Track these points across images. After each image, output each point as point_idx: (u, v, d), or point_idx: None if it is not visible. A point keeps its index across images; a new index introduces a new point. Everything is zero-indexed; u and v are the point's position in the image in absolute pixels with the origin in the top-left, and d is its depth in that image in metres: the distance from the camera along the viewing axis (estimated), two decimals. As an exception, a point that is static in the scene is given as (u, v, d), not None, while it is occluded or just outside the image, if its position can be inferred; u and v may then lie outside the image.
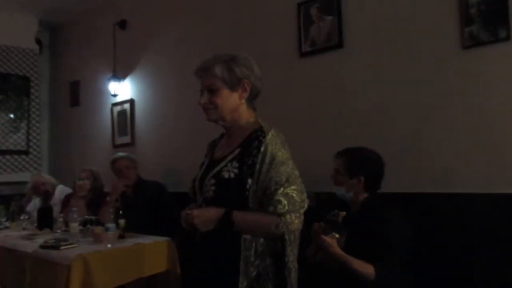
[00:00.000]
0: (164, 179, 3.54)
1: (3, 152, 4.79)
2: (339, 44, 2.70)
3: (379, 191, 2.07)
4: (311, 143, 2.72)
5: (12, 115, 4.91)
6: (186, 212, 1.45)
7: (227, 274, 1.38)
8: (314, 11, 2.82)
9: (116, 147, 4.35)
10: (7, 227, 3.28)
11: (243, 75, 1.47)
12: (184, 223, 1.46)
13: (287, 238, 1.38)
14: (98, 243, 2.51)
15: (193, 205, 1.56)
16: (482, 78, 2.17)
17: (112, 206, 2.91)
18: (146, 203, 3.17)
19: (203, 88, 1.50)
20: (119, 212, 2.70)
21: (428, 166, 2.32)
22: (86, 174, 3.51)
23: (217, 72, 1.46)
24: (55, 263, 2.29)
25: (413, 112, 2.39)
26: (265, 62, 1.59)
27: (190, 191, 1.59)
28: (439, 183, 2.27)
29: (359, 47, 2.63)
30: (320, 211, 2.00)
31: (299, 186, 1.41)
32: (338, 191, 2.07)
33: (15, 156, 4.88)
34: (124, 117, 4.32)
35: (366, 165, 2.03)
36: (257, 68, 1.52)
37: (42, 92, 5.24)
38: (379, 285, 1.77)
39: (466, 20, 2.19)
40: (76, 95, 5.02)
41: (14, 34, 4.83)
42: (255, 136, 1.45)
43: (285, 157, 1.41)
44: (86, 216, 2.89)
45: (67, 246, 2.42)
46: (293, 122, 2.77)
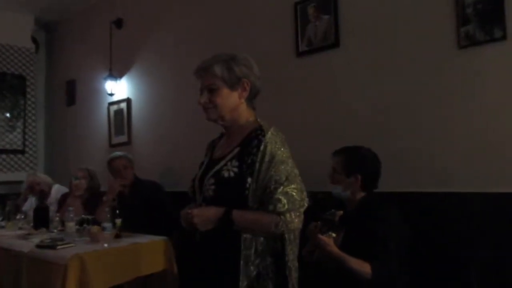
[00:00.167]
0: (160, 179, 3.54)
1: (-1, 151, 4.78)
2: (336, 44, 2.71)
3: (376, 190, 2.08)
4: (307, 143, 2.72)
5: (8, 114, 4.89)
6: (186, 212, 1.45)
7: (227, 273, 1.38)
8: (310, 11, 2.83)
9: (112, 146, 4.34)
10: (2, 227, 3.27)
11: (243, 75, 1.47)
12: (184, 222, 1.46)
13: (287, 237, 1.38)
14: (94, 242, 2.51)
15: (193, 204, 1.56)
16: (478, 77, 2.18)
17: (109, 206, 2.90)
18: (143, 203, 3.16)
19: (203, 88, 1.50)
20: (115, 211, 2.69)
21: (425, 165, 2.32)
22: (82, 173, 3.50)
23: (216, 71, 1.46)
24: (52, 262, 2.28)
25: (410, 111, 2.40)
26: (262, 61, 1.58)
27: (190, 190, 1.59)
28: (436, 182, 2.27)
29: (355, 47, 2.63)
30: (317, 210, 2.00)
31: (299, 185, 1.41)
32: (334, 189, 2.08)
33: (11, 156, 4.86)
34: (121, 116, 4.31)
35: (363, 164, 2.04)
36: (256, 67, 1.52)
37: (38, 91, 5.22)
38: (375, 283, 1.78)
39: (463, 20, 2.20)
40: (72, 94, 5.01)
41: (10, 33, 4.80)
42: (254, 135, 1.45)
43: (284, 156, 1.41)
44: (83, 216, 2.88)
45: (63, 246, 2.41)
46: (289, 122, 2.77)
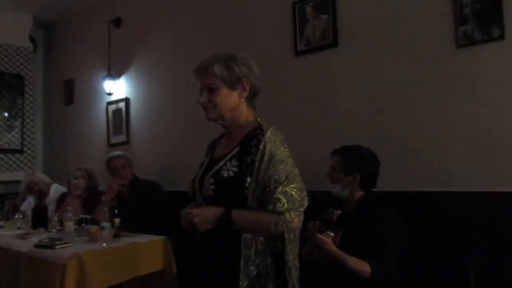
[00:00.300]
0: (159, 178, 3.54)
1: (-3, 151, 4.77)
2: (334, 43, 2.71)
3: (375, 190, 2.08)
4: (306, 142, 2.72)
5: (6, 114, 4.88)
6: (185, 211, 1.45)
7: (227, 273, 1.38)
8: (309, 10, 2.83)
9: (111, 146, 4.33)
10: (1, 227, 3.26)
11: (243, 74, 1.47)
12: (184, 222, 1.46)
13: (287, 236, 1.37)
14: (93, 242, 2.51)
15: (193, 203, 1.56)
16: (476, 77, 2.18)
17: (107, 205, 2.90)
18: (142, 202, 3.16)
19: (203, 87, 1.50)
20: (114, 211, 2.69)
21: (424, 165, 2.32)
22: (81, 173, 3.50)
23: (216, 71, 1.46)
24: (50, 262, 2.28)
25: (408, 111, 2.40)
26: (260, 60, 1.58)
27: (190, 190, 1.58)
28: (435, 182, 2.28)
29: (354, 46, 2.63)
30: (315, 209, 2.00)
31: (299, 184, 1.40)
32: (333, 189, 2.08)
33: (9, 155, 4.85)
34: (119, 115, 4.30)
35: (362, 163, 2.05)
36: (256, 67, 1.52)
37: (36, 90, 5.20)
38: (374, 283, 1.78)
39: (461, 20, 2.21)
40: (70, 93, 5.00)
41: (8, 32, 4.79)
42: (254, 135, 1.45)
43: (284, 155, 1.40)
44: (81, 215, 2.88)
45: (62, 246, 2.41)
46: (288, 121, 2.77)
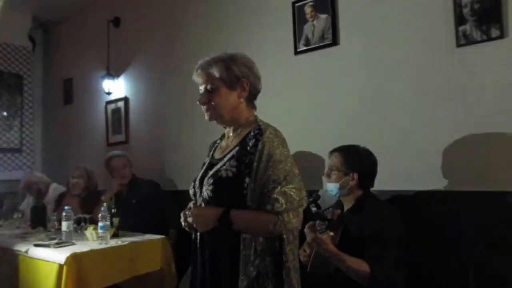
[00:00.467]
0: (158, 178, 3.53)
1: (-4, 150, 4.76)
2: (334, 42, 2.71)
3: (373, 189, 2.09)
4: (305, 141, 2.72)
5: (5, 113, 4.87)
6: (185, 212, 1.45)
7: (226, 273, 1.38)
8: (308, 10, 2.83)
9: (110, 145, 4.32)
10: (0, 226, 3.26)
11: (242, 74, 1.47)
12: (184, 223, 1.46)
13: (285, 237, 1.37)
14: (92, 241, 2.51)
15: (192, 203, 1.56)
16: (475, 76, 2.18)
17: (106, 205, 2.89)
18: (141, 202, 3.16)
19: (202, 88, 1.50)
20: (113, 210, 2.69)
21: (421, 164, 2.32)
22: (79, 172, 3.50)
23: (215, 71, 1.46)
24: (49, 262, 2.29)
25: (406, 110, 2.40)
26: (260, 60, 1.58)
27: (191, 191, 1.59)
28: (432, 180, 2.28)
29: (353, 45, 2.63)
30: (315, 209, 2.01)
31: (298, 184, 1.40)
32: (330, 188, 2.08)
33: (8, 154, 4.84)
34: (118, 115, 4.30)
35: (360, 162, 2.05)
36: (256, 67, 1.52)
37: (35, 89, 5.19)
38: (373, 282, 1.78)
39: (460, 19, 2.21)
40: (69, 93, 4.99)
41: (6, 31, 4.76)
42: (252, 135, 1.45)
43: (283, 155, 1.40)
44: (80, 215, 2.88)
45: (60, 245, 2.41)
46: (286, 120, 2.77)
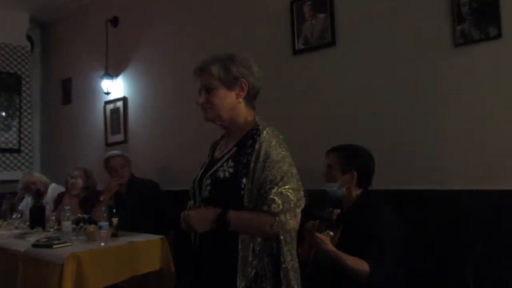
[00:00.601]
0: (157, 177, 3.53)
1: (-6, 150, 4.76)
2: (332, 42, 2.71)
3: (372, 188, 2.09)
4: (303, 141, 2.72)
5: (4, 113, 4.86)
6: (184, 214, 1.45)
7: (225, 274, 1.37)
8: (306, 9, 2.83)
9: (108, 145, 4.32)
10: (-1, 226, 3.26)
11: (241, 75, 1.46)
12: (183, 224, 1.46)
13: (282, 238, 1.36)
14: (91, 241, 2.51)
15: (192, 202, 1.56)
16: (473, 75, 2.19)
17: (105, 205, 2.90)
18: (140, 201, 3.16)
19: (201, 87, 1.50)
20: (112, 210, 2.69)
21: (420, 163, 2.33)
22: (78, 172, 3.49)
23: (214, 71, 1.46)
24: (48, 262, 2.28)
25: (405, 110, 2.40)
26: (258, 59, 1.57)
27: (190, 191, 1.58)
28: (431, 180, 2.28)
29: (351, 45, 2.64)
30: (314, 209, 2.00)
31: (295, 184, 1.39)
32: (329, 188, 2.08)
33: (7, 155, 4.84)
34: (117, 115, 4.29)
35: (358, 160, 2.06)
36: (257, 68, 1.51)
37: (33, 89, 5.19)
38: (372, 281, 1.79)
39: (458, 18, 2.21)
40: (68, 92, 4.98)
41: (4, 31, 4.76)
42: (250, 135, 1.45)
43: (280, 155, 1.39)
44: (79, 215, 2.87)
45: (59, 245, 2.41)
46: (285, 119, 2.76)
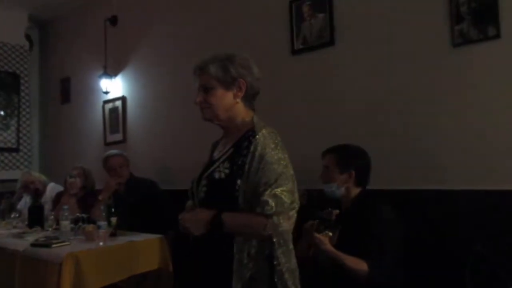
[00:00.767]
0: (156, 177, 3.53)
1: (-7, 149, 4.75)
2: (331, 42, 2.71)
3: (371, 188, 2.09)
4: (302, 140, 2.72)
5: (2, 112, 4.86)
6: (180, 216, 1.45)
7: (221, 276, 1.37)
8: (305, 9, 2.83)
9: (107, 144, 4.32)
10: (-3, 226, 3.26)
11: (239, 75, 1.46)
12: (180, 227, 1.46)
13: (276, 240, 1.35)
14: (89, 241, 2.50)
15: (190, 203, 1.56)
16: (471, 75, 2.19)
17: (104, 204, 2.89)
18: (138, 201, 3.16)
19: (199, 87, 1.50)
20: (111, 210, 2.69)
21: (419, 163, 2.33)
22: (77, 171, 3.48)
23: (212, 71, 1.46)
24: (46, 261, 2.28)
25: (404, 109, 2.41)
26: (257, 59, 1.57)
27: (189, 192, 1.58)
28: (430, 180, 2.29)
29: (350, 45, 2.64)
30: (313, 209, 2.01)
31: (290, 186, 1.38)
32: (328, 188, 2.08)
33: (5, 154, 4.83)
34: (116, 114, 4.29)
35: (355, 159, 2.07)
36: (256, 68, 1.51)
37: (32, 88, 5.18)
38: (371, 281, 1.79)
39: (457, 18, 2.21)
40: (66, 92, 4.97)
41: (3, 30, 4.75)
42: (246, 136, 1.44)
43: (275, 157, 1.38)
44: (78, 214, 2.87)
45: (58, 244, 2.41)
46: (284, 119, 2.77)
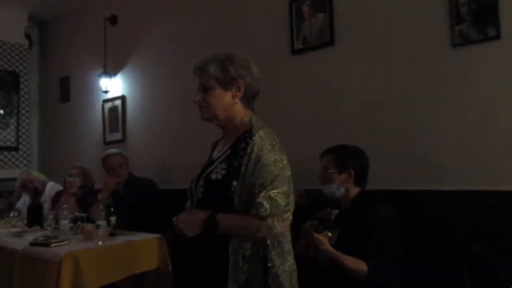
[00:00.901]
0: (155, 176, 3.52)
1: (-8, 148, 4.75)
2: (331, 42, 2.71)
3: (371, 188, 2.09)
4: (302, 140, 2.72)
5: (1, 111, 4.86)
6: (175, 218, 1.45)
7: (216, 278, 1.37)
8: (305, 9, 2.83)
9: (107, 144, 4.32)
10: (-4, 225, 3.25)
11: (238, 75, 1.46)
12: (175, 228, 1.46)
13: (269, 242, 1.35)
14: (88, 240, 2.50)
15: (189, 203, 1.56)
16: (471, 76, 2.19)
17: (103, 203, 2.89)
18: (137, 200, 3.15)
19: (198, 86, 1.50)
20: (110, 209, 2.68)
21: (418, 163, 2.33)
22: (76, 170, 3.48)
23: (211, 71, 1.46)
24: (45, 260, 2.28)
25: (404, 110, 2.41)
26: (257, 59, 1.57)
27: (188, 192, 1.59)
28: (429, 180, 2.29)
29: (350, 45, 2.64)
30: (312, 209, 2.01)
31: (285, 189, 1.37)
32: (327, 189, 2.08)
33: (5, 153, 4.83)
34: (115, 113, 4.29)
35: (354, 159, 2.07)
36: (256, 69, 1.50)
37: (31, 87, 5.18)
38: (371, 281, 1.79)
39: (457, 19, 2.21)
40: (66, 91, 4.97)
41: (2, 29, 4.74)
42: (243, 137, 1.44)
43: (272, 159, 1.37)
44: (77, 213, 2.87)
45: (57, 244, 2.40)
46: (284, 119, 2.78)
